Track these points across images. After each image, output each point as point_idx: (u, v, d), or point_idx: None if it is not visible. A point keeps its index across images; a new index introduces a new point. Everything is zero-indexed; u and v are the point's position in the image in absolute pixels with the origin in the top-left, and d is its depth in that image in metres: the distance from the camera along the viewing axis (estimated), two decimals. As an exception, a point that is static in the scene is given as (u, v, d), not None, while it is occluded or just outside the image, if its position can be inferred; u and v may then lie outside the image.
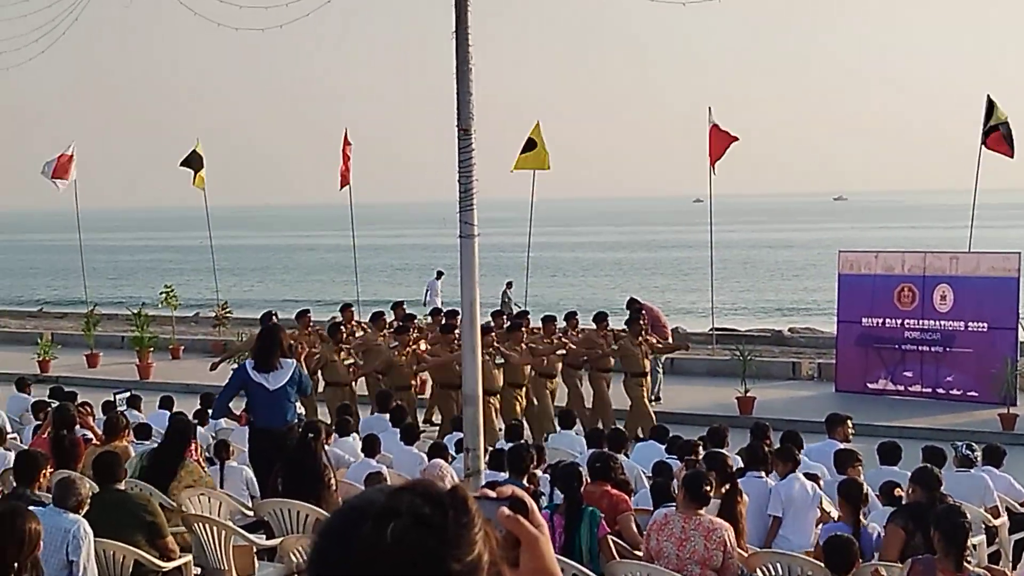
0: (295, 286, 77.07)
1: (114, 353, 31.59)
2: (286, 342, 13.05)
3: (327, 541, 1.92)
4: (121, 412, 14.30)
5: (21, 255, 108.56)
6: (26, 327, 39.59)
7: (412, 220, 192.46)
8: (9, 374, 27.24)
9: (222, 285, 36.58)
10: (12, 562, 6.18)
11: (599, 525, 9.30)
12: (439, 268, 39.52)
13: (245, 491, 12.13)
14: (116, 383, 26.21)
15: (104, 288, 64.34)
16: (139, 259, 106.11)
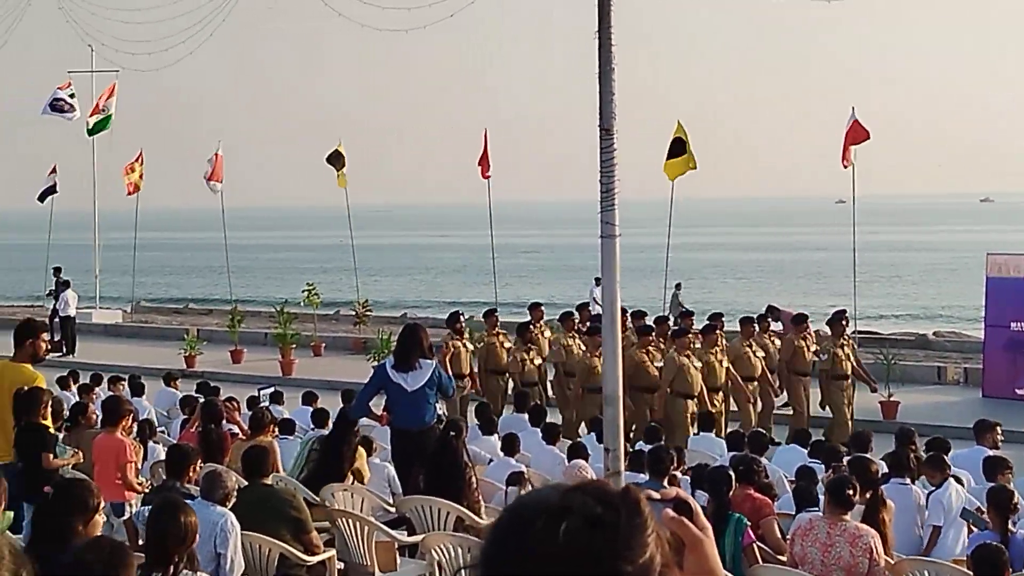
0: (434, 286, 77.76)
1: (257, 349, 32.18)
2: (426, 342, 13.08)
3: (500, 537, 1.92)
4: (266, 408, 14.56)
5: (169, 252, 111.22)
6: (172, 323, 40.55)
7: (552, 220, 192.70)
8: (157, 369, 27.94)
9: (362, 283, 37.02)
10: (172, 555, 6.34)
11: (744, 533, 9.19)
12: (597, 275, 38.69)
13: (387, 488, 12.26)
14: (259, 379, 26.73)
15: (247, 286, 65.63)
16: (282, 257, 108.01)
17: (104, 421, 11.25)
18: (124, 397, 12.35)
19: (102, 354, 31.64)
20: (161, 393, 19.73)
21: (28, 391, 10.45)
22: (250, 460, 9.69)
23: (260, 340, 33.70)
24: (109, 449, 10.73)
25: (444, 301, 61.54)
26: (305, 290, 33.75)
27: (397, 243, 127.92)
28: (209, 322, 39.83)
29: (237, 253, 45.22)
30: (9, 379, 10.79)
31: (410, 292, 70.76)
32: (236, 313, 33.55)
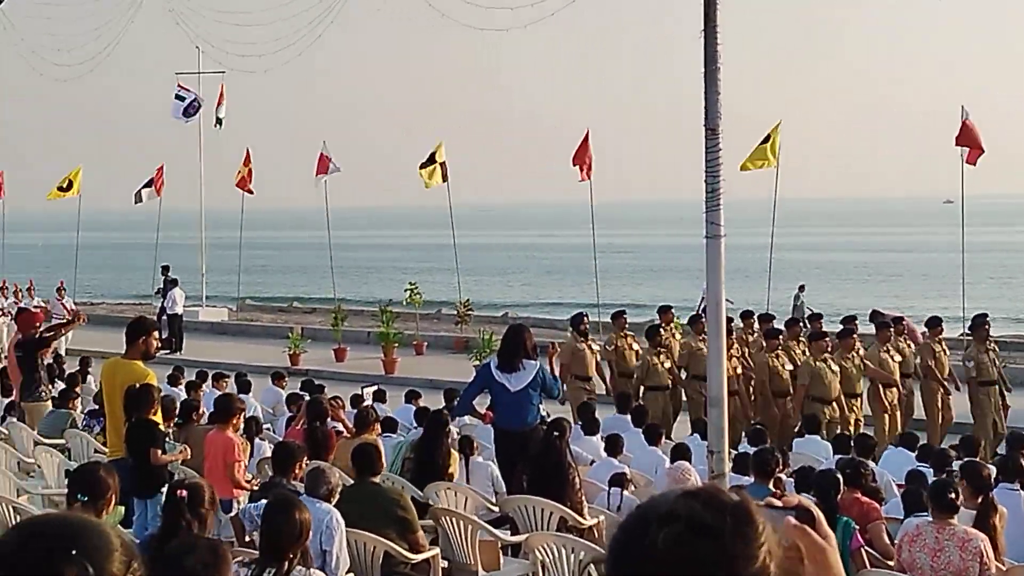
0: (534, 285, 77.84)
1: (360, 348, 32.45)
2: (530, 343, 13.08)
3: (622, 540, 1.93)
4: (370, 406, 14.68)
5: (274, 251, 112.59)
6: (276, 321, 41.05)
7: (654, 220, 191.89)
8: (262, 367, 28.31)
9: (463, 283, 37.17)
10: (287, 551, 6.40)
11: (852, 537, 9.06)
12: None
13: (491, 487, 12.29)
14: (362, 377, 26.97)
15: (351, 285, 66.19)
16: (385, 257, 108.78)
17: (215, 418, 11.40)
18: (236, 395, 12.49)
19: (208, 351, 32.14)
20: (267, 391, 19.97)
21: (139, 388, 10.64)
22: (361, 458, 9.76)
23: (363, 339, 33.98)
24: (219, 446, 10.88)
25: (545, 302, 61.62)
26: (407, 289, 33.98)
27: (498, 242, 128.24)
28: (313, 320, 40.26)
29: (341, 252, 45.61)
30: (121, 376, 11.00)
31: (511, 292, 70.91)
32: (340, 312, 33.88)
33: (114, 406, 10.98)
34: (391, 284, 60.84)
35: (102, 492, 6.90)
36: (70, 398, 16.40)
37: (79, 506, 6.80)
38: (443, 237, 43.99)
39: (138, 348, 11.17)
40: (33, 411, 16.52)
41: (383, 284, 69.09)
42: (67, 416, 15.71)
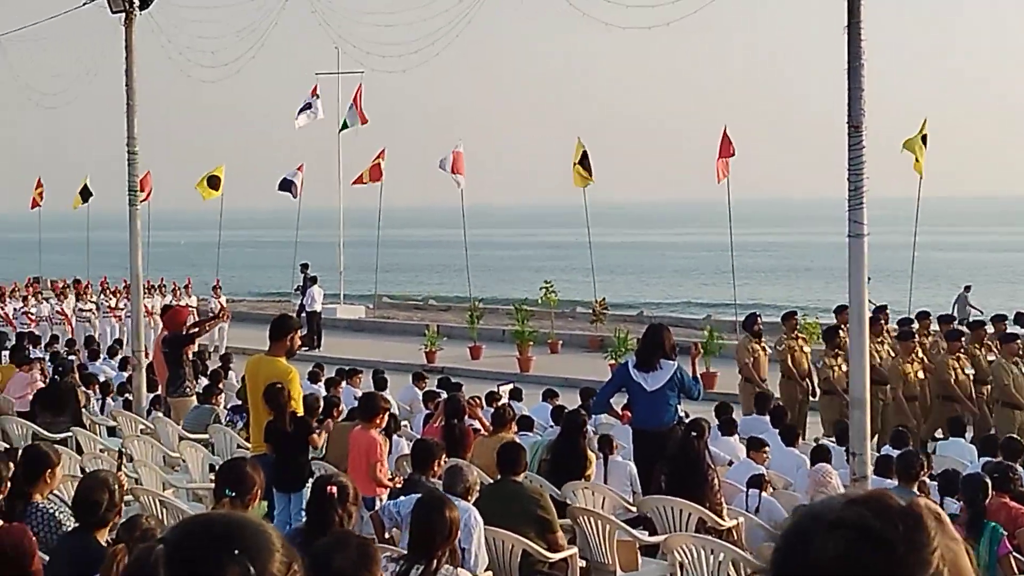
0: (671, 284, 77.40)
1: (496, 346, 32.57)
2: (668, 343, 13.01)
3: (785, 545, 1.90)
4: (507, 404, 14.73)
5: (410, 249, 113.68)
6: (413, 319, 41.42)
7: (793, 218, 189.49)
8: (399, 364, 28.61)
9: (598, 281, 37.10)
10: (436, 549, 6.45)
11: (1000, 543, 8.85)
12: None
13: (628, 487, 12.25)
14: (498, 375, 27.08)
15: (486, 283, 66.50)
16: (520, 255, 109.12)
17: (360, 416, 11.52)
18: (381, 394, 12.60)
19: (346, 348, 32.55)
20: (405, 389, 20.15)
21: (275, 388, 10.84)
22: (506, 456, 9.80)
23: (498, 337, 34.11)
24: (363, 444, 10.97)
25: (679, 301, 61.25)
26: (543, 288, 34.03)
27: (633, 241, 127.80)
28: (448, 319, 40.54)
29: (476, 251, 45.92)
30: (265, 373, 11.19)
31: (646, 290, 70.59)
32: (475, 309, 34.05)
33: (257, 402, 11.19)
34: (526, 283, 61.01)
35: (249, 487, 7.03)
36: (213, 394, 16.75)
37: (227, 501, 6.93)
38: (578, 235, 44.00)
39: (282, 345, 11.35)
40: (179, 406, 16.91)
41: (518, 283, 69.30)
42: (211, 411, 16.05)
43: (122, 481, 7.16)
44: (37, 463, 7.61)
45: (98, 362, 22.98)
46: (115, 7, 18.67)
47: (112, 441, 15.97)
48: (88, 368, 21.49)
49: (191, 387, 17.22)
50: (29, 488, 7.51)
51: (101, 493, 6.69)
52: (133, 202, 18.87)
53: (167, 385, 17.31)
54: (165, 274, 40.86)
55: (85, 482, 7.03)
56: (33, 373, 18.11)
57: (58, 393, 16.32)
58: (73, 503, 7.05)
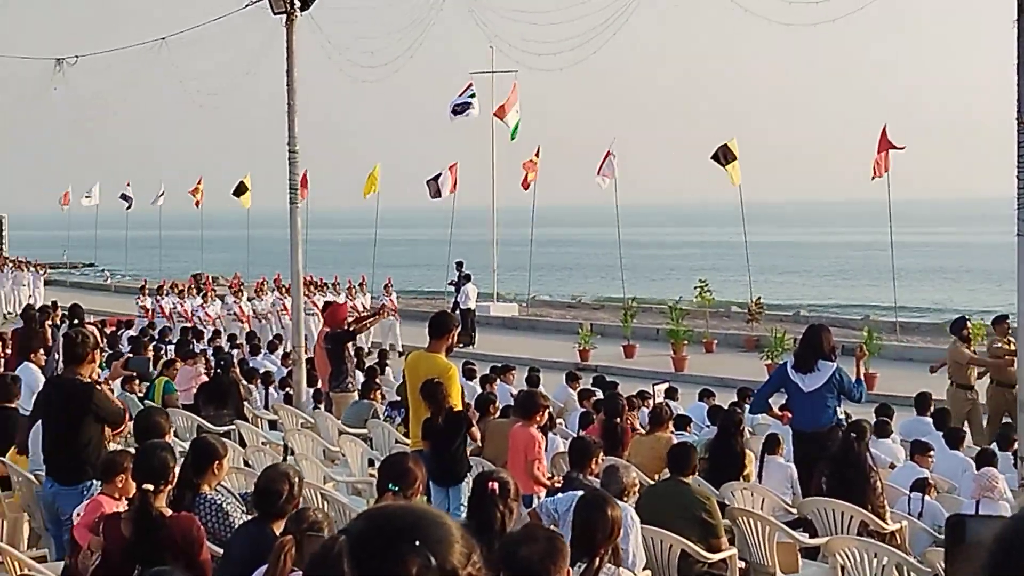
0: (828, 284, 76.17)
1: (650, 345, 32.47)
2: (827, 344, 12.82)
3: (1002, 555, 1.85)
4: (665, 404, 14.67)
5: (563, 248, 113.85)
6: (566, 317, 41.48)
7: (958, 217, 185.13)
8: (552, 362, 28.70)
9: (754, 281, 36.70)
10: (599, 547, 6.45)
11: None
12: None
13: (788, 488, 12.11)
14: (652, 374, 26.99)
15: (639, 282, 66.26)
16: (673, 254, 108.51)
17: (520, 413, 11.55)
18: (541, 392, 12.62)
19: (500, 346, 32.73)
20: (560, 388, 20.19)
21: (431, 384, 10.95)
22: (676, 456, 9.76)
23: (652, 336, 33.99)
24: (522, 441, 11.01)
25: (837, 302, 60.23)
26: (697, 287, 33.78)
27: (787, 240, 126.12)
28: (602, 317, 40.51)
29: (630, 250, 45.76)
30: (424, 369, 11.32)
31: (802, 291, 69.56)
32: (629, 308, 33.95)
33: (416, 397, 11.31)
34: (680, 282, 60.59)
35: (411, 481, 7.10)
36: (372, 389, 16.98)
37: (390, 495, 7.01)
38: (731, 234, 43.58)
39: (442, 342, 11.48)
40: (340, 401, 17.21)
41: (671, 281, 68.91)
42: (369, 407, 16.29)
43: (301, 474, 7.30)
44: (205, 455, 7.80)
45: (259, 357, 23.48)
46: (276, 8, 19.05)
47: (274, 434, 16.34)
48: (249, 363, 21.98)
49: (352, 382, 17.51)
50: (197, 479, 7.71)
51: (282, 484, 6.83)
52: (293, 200, 19.26)
53: (329, 380, 17.64)
54: (321, 272, 41.57)
55: (267, 472, 7.18)
56: (197, 367, 18.60)
57: (221, 387, 16.73)
58: (254, 493, 7.21)
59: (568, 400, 19.41)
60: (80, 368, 9.64)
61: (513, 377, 20.27)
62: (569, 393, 19.58)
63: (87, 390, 9.56)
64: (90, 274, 73.54)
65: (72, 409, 9.54)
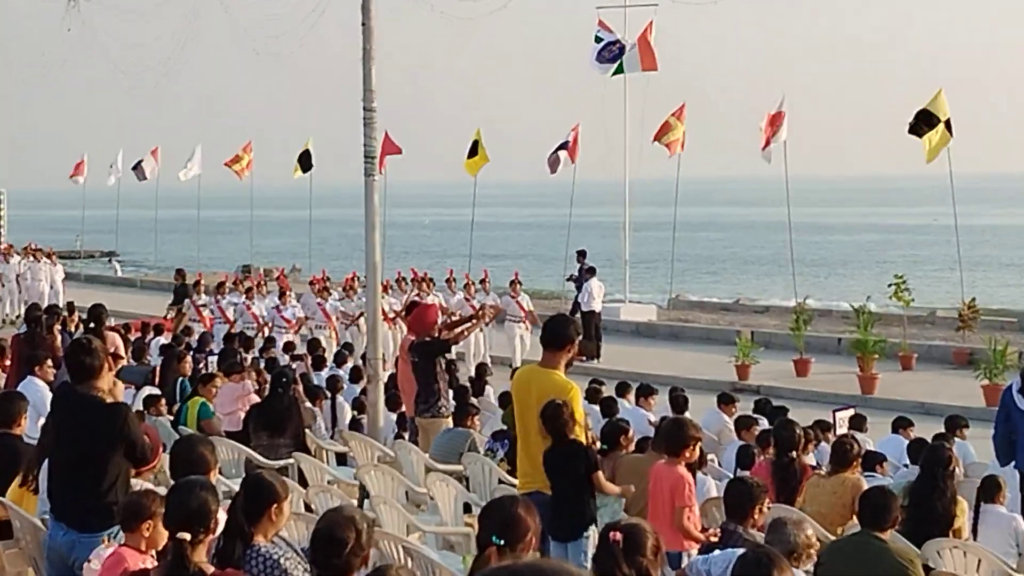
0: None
1: (828, 359, 32.13)
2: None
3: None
4: (848, 435, 14.47)
5: (713, 233, 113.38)
6: (719, 323, 41.22)
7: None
8: (702, 381, 28.53)
9: (966, 277, 36.18)
10: None
11: None
12: None
13: (1012, 546, 11.93)
14: (832, 397, 26.73)
15: (813, 278, 65.68)
16: (856, 241, 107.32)
17: (663, 446, 11.43)
18: (689, 420, 12.46)
19: (632, 359, 32.59)
20: (710, 413, 20.06)
21: (556, 406, 10.87)
22: (870, 504, 9.61)
23: (831, 347, 33.67)
24: (667, 483, 10.86)
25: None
26: (892, 284, 33.36)
27: (1008, 223, 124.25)
28: (765, 323, 40.22)
29: (800, 235, 45.41)
30: (538, 389, 11.19)
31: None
32: (802, 312, 33.62)
33: (528, 425, 11.23)
34: (868, 278, 60.06)
35: (521, 533, 7.06)
36: (468, 414, 16.94)
37: (494, 550, 6.99)
38: (928, 216, 42.97)
39: (560, 355, 11.33)
40: (429, 428, 17.21)
41: (857, 277, 68.28)
42: (466, 436, 16.23)
43: (372, 521, 7.30)
44: (260, 496, 7.71)
45: (324, 371, 23.60)
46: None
47: (343, 471, 16.41)
48: (313, 379, 22.08)
49: (446, 406, 17.48)
50: (251, 527, 7.65)
51: (346, 530, 6.82)
52: (370, 172, 19.36)
53: (415, 402, 17.61)
54: (400, 264, 41.73)
55: (328, 516, 7.16)
56: (246, 384, 18.73)
57: (278, 409, 16.80)
58: (311, 541, 7.19)
59: (722, 430, 19.28)
60: (96, 382, 9.64)
61: (654, 401, 20.15)
62: (724, 421, 19.44)
63: (114, 412, 9.58)
64: (109, 265, 74.69)
65: (95, 436, 9.54)
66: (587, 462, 11.04)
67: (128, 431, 9.51)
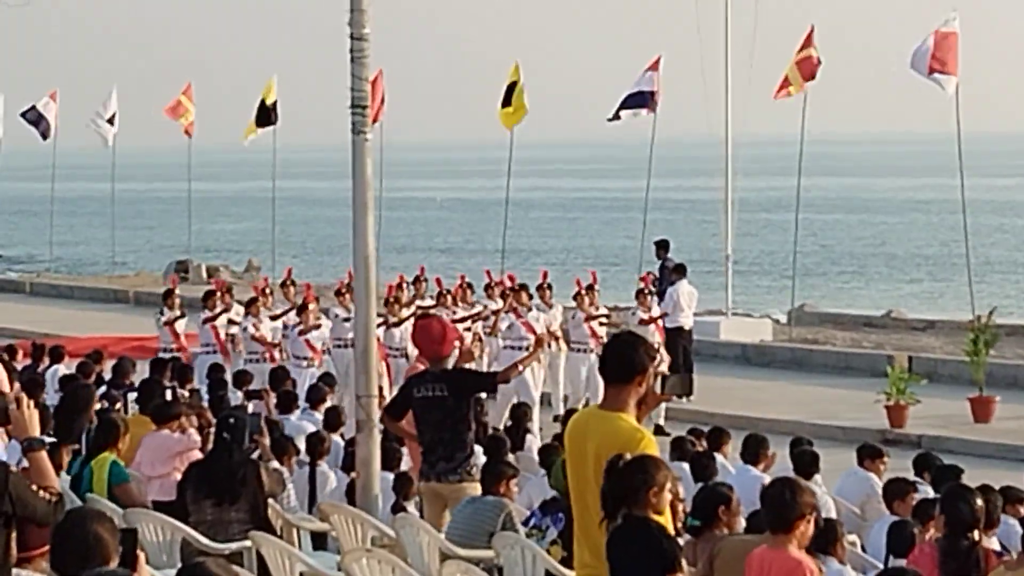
0: None
1: (1019, 397, 32.10)
2: None
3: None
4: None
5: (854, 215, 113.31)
6: (863, 344, 41.18)
7: None
8: (837, 428, 28.55)
9: None
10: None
11: None
12: None
13: None
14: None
15: (994, 277, 65.56)
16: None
17: (773, 523, 11.38)
18: (801, 481, 12.35)
19: (736, 397, 32.53)
20: (850, 475, 20.07)
21: (628, 463, 10.72)
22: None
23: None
24: (775, 574, 10.89)
25: None
26: None
27: None
28: (930, 345, 40.19)
29: (978, 218, 45.35)
30: (599, 440, 11.01)
31: None
32: (983, 330, 33.46)
33: (587, 489, 11.12)
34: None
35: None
36: (503, 476, 16.89)
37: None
38: None
39: (629, 391, 11.13)
40: (447, 497, 17.26)
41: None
42: (499, 508, 16.22)
43: None
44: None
45: (294, 415, 23.59)
46: None
47: (323, 558, 16.46)
48: (281, 426, 21.99)
49: (474, 465, 17.48)
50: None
51: None
52: (359, 127, 19.34)
53: (429, 458, 17.62)
54: (395, 263, 41.77)
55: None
56: (189, 435, 18.77)
57: (226, 469, 16.82)
58: None
59: (868, 498, 19.29)
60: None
61: (768, 456, 20.16)
62: (870, 485, 19.45)
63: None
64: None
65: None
66: (660, 555, 10.71)
67: (12, 492, 9.61)
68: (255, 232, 72.17)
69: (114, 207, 58.25)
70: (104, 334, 40.12)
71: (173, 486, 17.67)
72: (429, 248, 78.65)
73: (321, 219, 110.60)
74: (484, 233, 65.87)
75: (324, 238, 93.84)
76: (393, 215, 68.78)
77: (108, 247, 58.93)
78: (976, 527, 13.37)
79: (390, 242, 47.54)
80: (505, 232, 44.54)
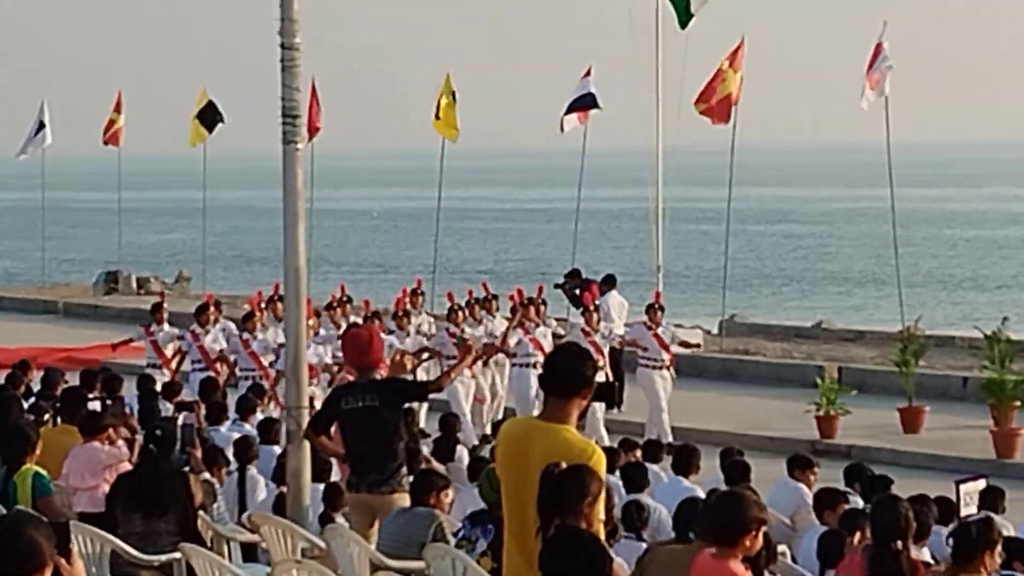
0: None
1: (950, 407, 32.42)
2: None
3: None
4: (983, 518, 14.55)
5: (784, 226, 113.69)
6: (792, 354, 41.27)
7: None
8: (768, 439, 28.62)
9: None
10: None
11: None
12: None
13: None
14: (955, 462, 27.09)
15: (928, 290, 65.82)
16: (989, 238, 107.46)
17: (709, 533, 11.43)
18: (749, 495, 12.34)
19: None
20: (780, 485, 20.15)
21: (556, 477, 10.72)
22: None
23: (954, 390, 34.03)
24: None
25: None
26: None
27: None
28: (859, 355, 40.26)
29: (908, 230, 45.44)
30: (541, 449, 10.98)
31: None
32: (911, 339, 33.61)
33: (524, 502, 11.10)
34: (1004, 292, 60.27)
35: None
36: (433, 488, 16.88)
37: None
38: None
39: (572, 404, 11.10)
40: (378, 508, 17.25)
41: (989, 292, 68.51)
42: (430, 520, 16.24)
43: None
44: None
45: (224, 427, 23.59)
46: None
47: (253, 569, 16.44)
48: (210, 437, 21.98)
49: (403, 476, 17.50)
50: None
51: None
52: (291, 137, 19.32)
53: (359, 469, 17.63)
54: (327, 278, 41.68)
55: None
56: (117, 447, 18.71)
57: (154, 480, 16.79)
58: None
59: (798, 509, 19.40)
60: None
61: (699, 467, 20.18)
62: (800, 496, 19.55)
63: None
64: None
65: None
66: (592, 566, 10.67)
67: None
68: (184, 243, 72.01)
69: (44, 216, 58.25)
70: (33, 345, 40.10)
71: (102, 498, 17.59)
72: (358, 264, 78.77)
73: (254, 229, 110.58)
74: (417, 246, 65.71)
75: (254, 248, 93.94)
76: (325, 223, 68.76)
77: (39, 258, 58.85)
78: (903, 536, 13.43)
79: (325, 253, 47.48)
80: (437, 244, 44.62)
